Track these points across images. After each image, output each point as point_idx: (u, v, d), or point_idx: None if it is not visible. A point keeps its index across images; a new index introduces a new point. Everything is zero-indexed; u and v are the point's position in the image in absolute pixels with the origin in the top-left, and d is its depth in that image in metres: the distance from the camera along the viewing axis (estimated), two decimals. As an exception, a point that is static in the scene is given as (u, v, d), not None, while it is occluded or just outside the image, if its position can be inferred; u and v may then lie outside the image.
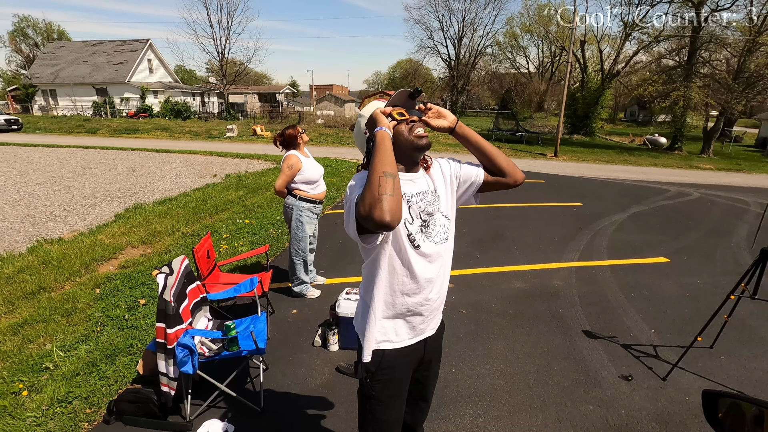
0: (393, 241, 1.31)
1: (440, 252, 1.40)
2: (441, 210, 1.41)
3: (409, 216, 1.32)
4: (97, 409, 2.35)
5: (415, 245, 1.32)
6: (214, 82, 33.50)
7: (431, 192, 1.39)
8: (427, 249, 1.35)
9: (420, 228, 1.33)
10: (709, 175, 15.34)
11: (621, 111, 48.24)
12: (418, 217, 1.33)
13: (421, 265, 1.35)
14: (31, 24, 43.61)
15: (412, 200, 1.33)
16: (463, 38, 35.84)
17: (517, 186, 1.51)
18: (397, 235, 1.30)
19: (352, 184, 1.28)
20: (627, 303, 3.81)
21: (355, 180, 1.30)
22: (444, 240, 1.41)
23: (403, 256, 1.32)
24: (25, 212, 6.72)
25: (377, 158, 1.17)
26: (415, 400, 1.59)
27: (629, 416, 2.37)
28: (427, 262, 1.36)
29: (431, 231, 1.37)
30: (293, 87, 49.68)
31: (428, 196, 1.37)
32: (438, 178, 1.45)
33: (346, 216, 1.25)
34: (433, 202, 1.39)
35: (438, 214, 1.40)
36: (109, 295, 3.68)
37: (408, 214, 1.31)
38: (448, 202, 1.46)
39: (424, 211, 1.35)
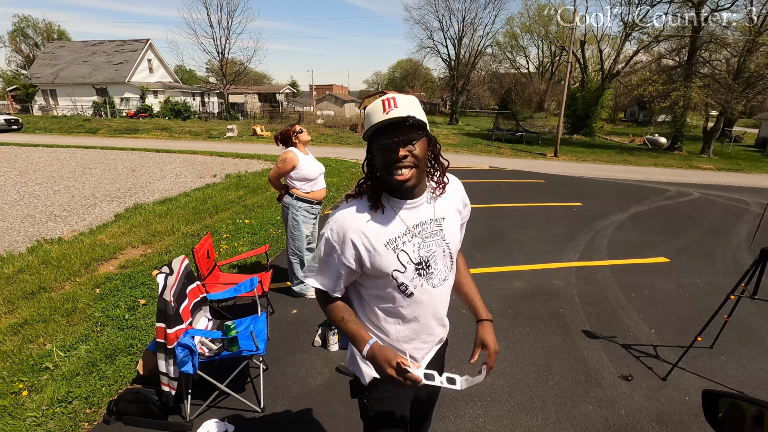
0: (378, 290, 1.18)
1: (438, 295, 1.22)
2: (446, 244, 1.20)
3: (400, 264, 1.13)
4: (97, 409, 2.35)
5: (408, 294, 1.16)
6: (214, 82, 33.48)
7: (435, 222, 1.17)
8: (422, 295, 1.18)
9: (417, 272, 1.15)
10: (709, 175, 15.34)
11: (621, 111, 48.22)
12: (412, 261, 1.14)
13: (415, 312, 1.20)
14: (31, 24, 43.60)
15: (406, 238, 1.13)
16: (463, 38, 35.79)
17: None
18: (384, 287, 1.16)
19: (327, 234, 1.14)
20: (627, 303, 3.81)
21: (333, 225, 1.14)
22: (443, 281, 1.22)
23: (391, 304, 1.18)
24: (25, 212, 6.72)
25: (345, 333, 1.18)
26: (416, 418, 1.46)
27: (629, 416, 2.37)
28: (421, 309, 1.20)
29: (432, 272, 1.18)
30: (293, 87, 49.69)
31: (429, 227, 1.16)
32: (449, 205, 1.22)
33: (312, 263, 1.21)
34: (435, 234, 1.17)
35: (439, 252, 1.19)
36: (109, 295, 3.68)
37: (398, 262, 1.12)
38: (455, 236, 1.24)
39: (422, 249, 1.15)
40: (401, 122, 1.02)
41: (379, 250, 1.11)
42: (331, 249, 1.14)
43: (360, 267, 1.14)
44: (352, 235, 1.11)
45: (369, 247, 1.11)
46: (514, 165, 15.13)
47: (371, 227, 1.11)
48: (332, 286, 1.20)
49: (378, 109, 1.04)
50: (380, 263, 1.11)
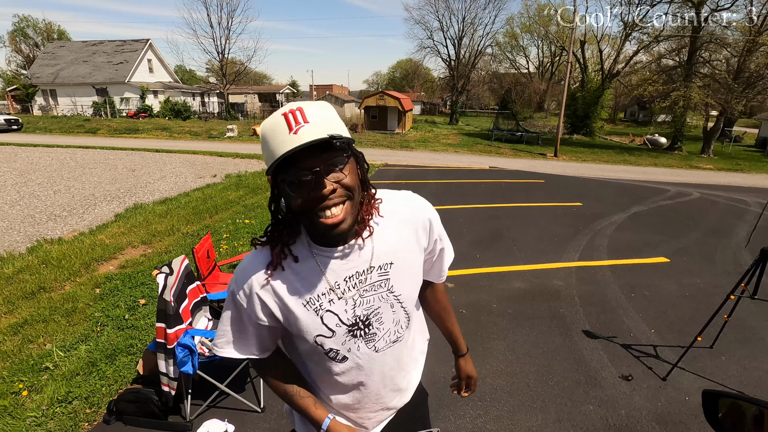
0: (303, 352, 0.97)
1: (387, 361, 0.97)
2: (395, 297, 0.94)
3: (325, 328, 0.88)
4: (97, 409, 2.35)
5: (339, 359, 0.92)
6: (214, 82, 33.50)
7: (378, 269, 0.90)
8: (360, 360, 0.94)
9: (350, 334, 0.91)
10: (709, 175, 15.34)
11: (621, 111, 48.23)
12: (343, 323, 0.89)
13: (354, 380, 0.96)
14: (31, 24, 43.60)
15: (333, 296, 0.87)
16: (463, 38, 35.80)
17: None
18: (309, 351, 0.94)
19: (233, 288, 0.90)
20: (627, 303, 3.81)
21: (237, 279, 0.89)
22: (392, 343, 0.97)
23: (323, 369, 0.96)
24: (25, 212, 6.72)
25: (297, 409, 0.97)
26: None
27: (629, 416, 2.37)
28: (362, 376, 0.96)
29: (375, 332, 0.93)
30: (293, 87, 49.69)
31: (369, 277, 0.89)
32: (400, 241, 0.93)
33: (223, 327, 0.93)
34: (378, 286, 0.91)
35: (386, 306, 0.93)
36: (109, 295, 3.68)
37: (323, 326, 0.88)
38: (411, 283, 0.97)
39: (359, 306, 0.90)
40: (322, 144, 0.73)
41: (296, 311, 0.87)
42: (239, 307, 0.90)
43: (278, 323, 0.90)
44: (260, 291, 0.87)
45: (282, 308, 0.87)
46: (514, 165, 15.13)
47: (284, 284, 0.87)
48: (257, 350, 0.95)
49: (280, 128, 0.75)
50: (299, 326, 0.88)
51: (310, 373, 1.00)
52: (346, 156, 0.80)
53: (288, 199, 0.80)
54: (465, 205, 7.54)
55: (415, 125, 30.67)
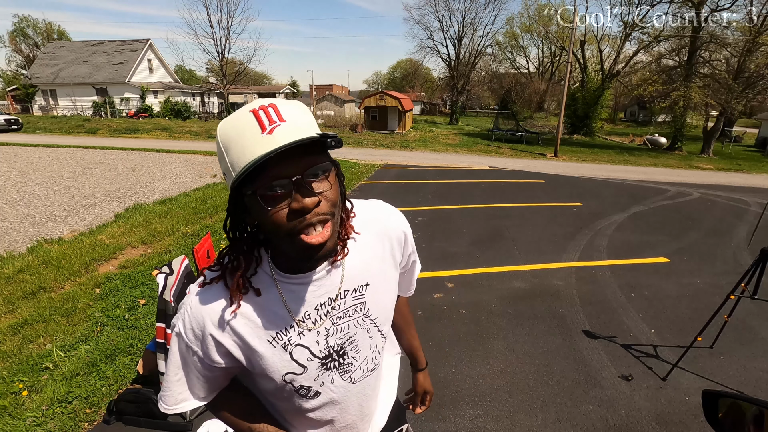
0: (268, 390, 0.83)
1: (363, 391, 0.87)
2: (371, 321, 0.84)
3: (295, 365, 0.77)
4: (97, 409, 2.35)
5: (311, 395, 0.81)
6: (214, 82, 33.51)
7: (353, 293, 0.80)
8: (334, 394, 0.83)
9: (323, 367, 0.80)
10: (709, 175, 15.34)
11: (621, 111, 48.25)
12: (315, 357, 0.78)
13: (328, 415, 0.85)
14: (31, 24, 43.64)
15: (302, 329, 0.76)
16: (463, 38, 35.83)
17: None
18: (275, 390, 0.80)
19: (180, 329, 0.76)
20: (627, 303, 3.81)
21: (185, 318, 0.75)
22: (369, 372, 0.87)
23: (291, 405, 0.83)
24: (25, 212, 6.71)
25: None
26: None
27: (629, 416, 2.37)
28: (336, 410, 0.85)
29: (350, 362, 0.83)
30: (293, 87, 49.71)
31: (344, 302, 0.79)
32: (374, 257, 0.83)
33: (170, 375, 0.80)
34: (353, 311, 0.81)
35: (363, 332, 0.83)
36: (109, 295, 3.68)
37: (292, 363, 0.77)
38: (387, 302, 0.87)
39: (332, 336, 0.79)
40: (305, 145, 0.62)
41: (259, 350, 0.74)
42: (186, 350, 0.76)
43: (237, 363, 0.77)
44: (213, 331, 0.73)
45: (244, 348, 0.75)
46: (514, 165, 15.13)
47: (244, 320, 0.73)
48: (210, 393, 0.83)
49: (249, 128, 0.62)
50: (264, 365, 0.76)
51: (276, 409, 0.87)
52: (330, 162, 0.68)
53: (259, 215, 0.65)
54: (465, 205, 7.54)
55: (415, 125, 30.68)
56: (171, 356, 0.79)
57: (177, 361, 0.78)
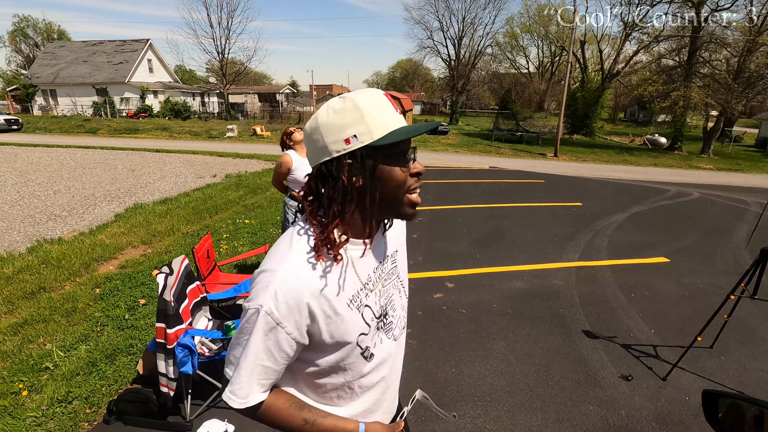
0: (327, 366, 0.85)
1: (399, 349, 0.98)
2: (401, 283, 0.97)
3: (365, 325, 0.84)
4: (97, 409, 2.35)
5: (369, 357, 0.87)
6: (214, 82, 33.51)
7: (391, 258, 0.93)
8: (382, 353, 0.91)
9: (377, 327, 0.88)
10: (709, 175, 15.34)
11: (621, 111, 48.25)
12: (375, 317, 0.87)
13: (376, 378, 0.92)
14: (31, 24, 43.65)
15: (367, 290, 0.85)
16: (463, 38, 35.78)
17: None
18: (338, 360, 0.84)
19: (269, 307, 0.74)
20: (627, 303, 3.81)
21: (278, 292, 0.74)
22: (403, 330, 0.98)
23: (345, 379, 0.88)
24: (25, 212, 6.71)
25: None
26: None
27: (629, 416, 2.37)
28: (383, 371, 0.92)
29: (391, 321, 0.92)
30: (293, 87, 49.68)
31: (387, 266, 0.91)
32: (397, 234, 0.97)
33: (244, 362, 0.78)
34: (391, 274, 0.92)
35: (396, 294, 0.94)
36: (109, 295, 3.68)
37: (363, 323, 0.84)
38: (406, 271, 1.02)
39: (382, 296, 0.89)
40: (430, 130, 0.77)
41: (342, 313, 0.79)
42: (272, 330, 0.75)
43: (308, 342, 0.80)
44: (310, 300, 0.76)
45: (330, 313, 0.78)
46: (514, 165, 15.13)
47: (330, 284, 0.78)
48: (269, 386, 0.84)
49: (387, 105, 0.76)
50: (342, 330, 0.80)
51: (329, 393, 0.90)
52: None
53: (383, 179, 0.77)
54: (465, 205, 7.54)
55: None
56: (250, 342, 0.76)
57: (257, 345, 0.76)
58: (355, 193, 0.77)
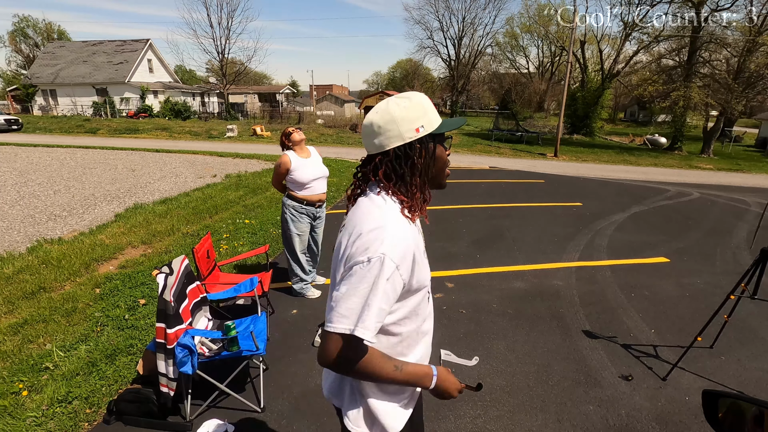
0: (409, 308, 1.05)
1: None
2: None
3: (429, 270, 1.09)
4: (97, 409, 2.35)
5: (428, 299, 1.13)
6: (214, 82, 33.52)
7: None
8: (431, 298, 1.18)
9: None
10: (709, 175, 15.34)
11: (621, 111, 48.24)
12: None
13: (430, 322, 1.16)
14: (31, 24, 43.63)
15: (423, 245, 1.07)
16: (463, 38, 35.88)
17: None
18: (417, 302, 1.06)
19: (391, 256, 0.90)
20: (627, 303, 3.81)
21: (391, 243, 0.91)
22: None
23: (416, 321, 1.09)
24: (25, 212, 6.71)
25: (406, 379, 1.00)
26: None
27: (629, 416, 2.37)
28: (431, 316, 1.18)
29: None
30: (293, 87, 49.66)
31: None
32: None
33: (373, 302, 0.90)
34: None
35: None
36: (109, 295, 3.68)
37: (428, 268, 1.08)
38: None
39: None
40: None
41: (422, 260, 1.03)
42: (392, 273, 0.90)
43: (409, 284, 0.99)
44: (415, 247, 0.97)
45: (419, 259, 1.00)
46: (514, 165, 15.13)
47: (416, 237, 1.02)
48: (380, 325, 0.95)
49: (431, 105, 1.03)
50: (424, 274, 1.03)
51: (405, 336, 1.07)
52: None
53: (433, 160, 1.03)
54: (465, 205, 7.54)
55: (415, 125, 30.57)
56: (377, 287, 0.89)
57: (384, 287, 0.90)
58: (422, 168, 1.01)
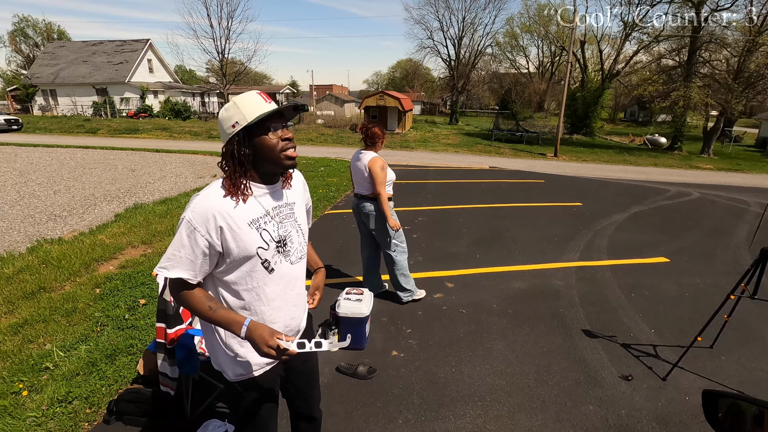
0: (240, 273, 1.24)
1: (296, 272, 1.35)
2: (298, 225, 1.36)
3: (263, 242, 1.23)
4: (97, 409, 2.35)
5: (270, 269, 1.26)
6: (214, 82, 33.49)
7: (288, 206, 1.33)
8: (282, 271, 1.29)
9: (276, 250, 1.27)
10: (709, 175, 15.34)
11: (621, 111, 48.22)
12: (273, 240, 1.25)
13: (278, 289, 1.29)
14: (31, 24, 43.61)
15: (266, 219, 1.24)
16: (463, 38, 35.80)
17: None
18: (247, 269, 1.23)
19: (189, 216, 1.16)
20: (627, 303, 3.81)
21: (195, 208, 1.17)
22: (299, 259, 1.36)
23: (254, 285, 1.25)
24: (25, 212, 6.72)
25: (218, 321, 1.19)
26: (303, 390, 1.63)
27: (629, 416, 2.37)
28: (282, 284, 1.31)
29: (289, 250, 1.31)
30: (293, 87, 49.67)
31: (284, 210, 1.31)
32: (297, 192, 1.39)
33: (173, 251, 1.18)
34: (288, 217, 1.32)
35: (294, 231, 1.33)
36: (109, 295, 3.68)
37: (261, 240, 1.22)
38: (304, 219, 1.42)
39: (280, 228, 1.28)
40: (289, 108, 1.23)
41: (243, 229, 1.19)
42: (192, 231, 1.14)
43: (221, 248, 1.18)
44: (216, 215, 1.15)
45: (234, 226, 1.17)
46: (514, 165, 15.13)
47: (234, 209, 1.18)
48: (194, 273, 1.19)
49: (259, 99, 1.18)
50: (245, 241, 1.19)
51: (243, 297, 1.26)
52: (292, 124, 1.16)
53: (263, 143, 1.19)
54: (465, 205, 7.54)
55: (415, 125, 30.67)
56: (178, 237, 1.17)
57: (183, 238, 1.16)
58: (247, 157, 1.19)
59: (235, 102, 1.18)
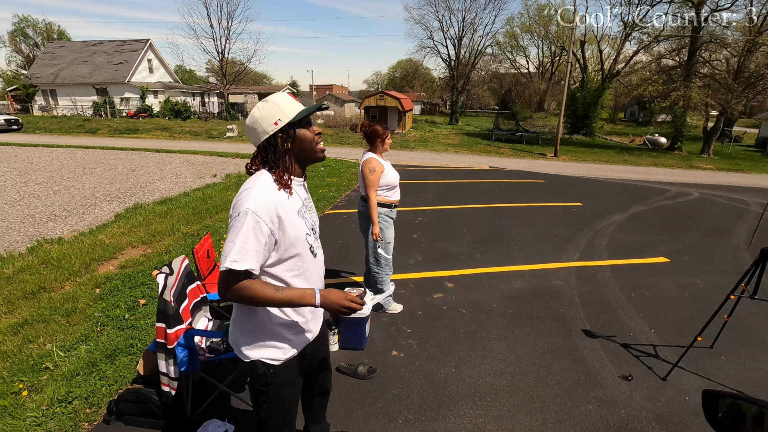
0: (291, 257, 1.32)
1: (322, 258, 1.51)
2: (315, 217, 1.49)
3: (308, 229, 1.36)
4: (97, 409, 2.35)
5: (314, 254, 1.40)
6: (214, 82, 33.48)
7: (309, 198, 1.47)
8: (319, 256, 1.46)
9: (312, 235, 1.40)
10: (709, 175, 15.34)
11: (621, 111, 48.20)
12: (310, 227, 1.39)
13: (318, 273, 1.44)
14: (31, 24, 43.60)
15: (304, 209, 1.37)
16: (463, 38, 35.80)
17: None
18: (298, 252, 1.33)
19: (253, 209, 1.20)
20: (627, 303, 3.81)
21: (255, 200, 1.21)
22: (319, 248, 1.49)
23: (301, 270, 1.36)
24: (25, 212, 6.72)
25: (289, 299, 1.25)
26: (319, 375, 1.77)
27: (629, 416, 2.37)
28: (319, 268, 1.46)
29: (318, 236, 1.47)
30: (293, 87, 49.67)
31: (309, 201, 1.45)
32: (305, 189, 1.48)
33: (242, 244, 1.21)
34: (312, 208, 1.47)
35: (315, 224, 1.48)
36: (109, 295, 3.68)
37: (306, 227, 1.35)
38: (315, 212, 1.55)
39: (311, 217, 1.43)
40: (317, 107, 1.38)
41: (294, 218, 1.31)
42: (257, 221, 1.20)
43: (278, 237, 1.26)
44: (277, 206, 1.24)
45: (289, 216, 1.28)
46: (514, 165, 15.13)
47: (287, 200, 1.30)
48: (258, 264, 1.24)
49: (291, 99, 1.31)
50: (298, 229, 1.31)
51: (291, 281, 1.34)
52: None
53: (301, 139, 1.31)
54: (465, 205, 7.54)
55: (415, 125, 30.67)
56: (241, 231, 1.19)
57: (248, 233, 1.19)
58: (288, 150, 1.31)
59: (272, 101, 1.28)
